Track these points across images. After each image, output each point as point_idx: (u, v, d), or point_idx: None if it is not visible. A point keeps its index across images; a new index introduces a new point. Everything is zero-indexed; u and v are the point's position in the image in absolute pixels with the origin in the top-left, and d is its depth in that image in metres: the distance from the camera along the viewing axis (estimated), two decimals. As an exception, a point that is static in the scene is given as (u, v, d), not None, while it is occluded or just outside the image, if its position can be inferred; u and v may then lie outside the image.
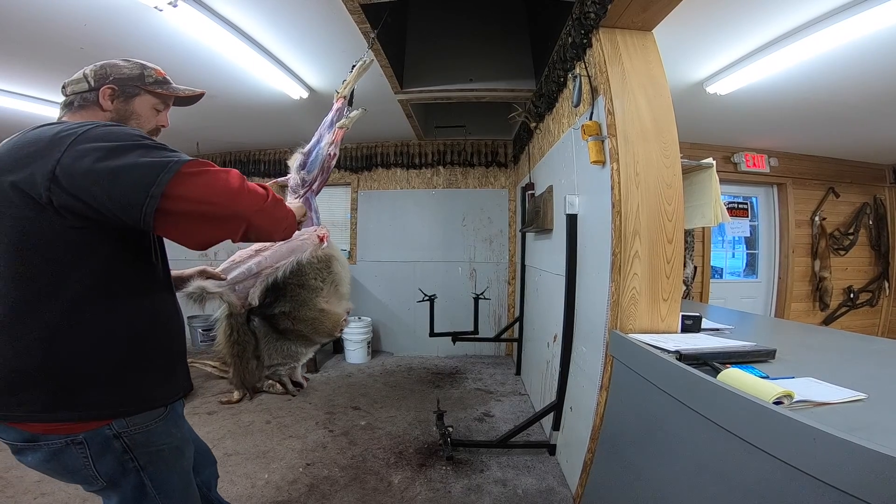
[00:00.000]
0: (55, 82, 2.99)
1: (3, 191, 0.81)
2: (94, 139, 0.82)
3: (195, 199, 0.83)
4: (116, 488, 0.96)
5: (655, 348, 1.36)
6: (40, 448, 0.88)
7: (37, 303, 0.84)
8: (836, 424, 0.77)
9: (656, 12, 1.66)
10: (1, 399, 0.85)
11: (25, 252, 0.83)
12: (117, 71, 1.05)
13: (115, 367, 0.90)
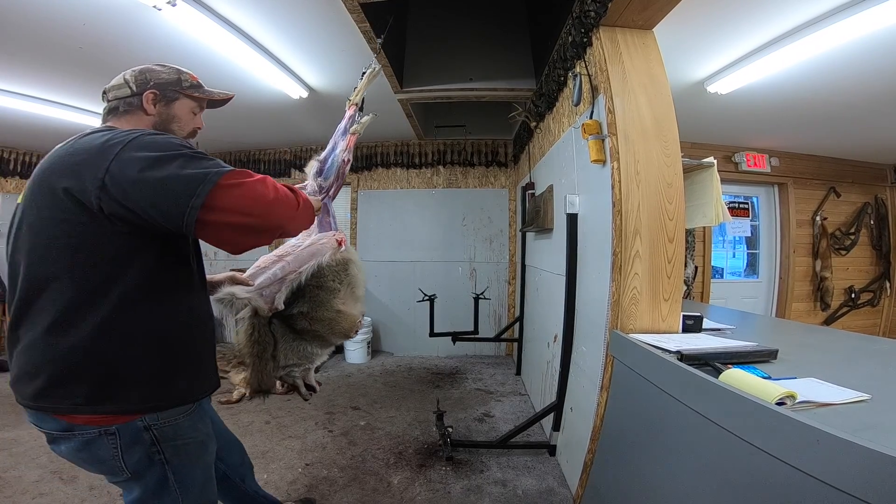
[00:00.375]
0: (55, 82, 2.99)
1: (57, 196, 0.86)
2: (140, 148, 0.86)
3: (233, 211, 0.88)
4: (140, 480, 0.99)
5: (656, 348, 1.35)
6: (74, 437, 0.92)
7: (88, 303, 0.88)
8: (840, 425, 0.76)
9: (656, 11, 1.65)
10: (49, 391, 0.89)
11: (78, 255, 0.88)
12: (156, 76, 1.11)
13: (154, 364, 0.95)
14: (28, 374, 0.91)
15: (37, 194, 0.90)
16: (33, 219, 0.90)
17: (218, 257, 5.30)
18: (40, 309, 0.89)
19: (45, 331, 0.88)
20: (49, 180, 0.88)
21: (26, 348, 0.91)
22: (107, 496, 1.98)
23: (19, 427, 2.68)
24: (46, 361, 0.89)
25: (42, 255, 0.89)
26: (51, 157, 0.92)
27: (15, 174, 4.74)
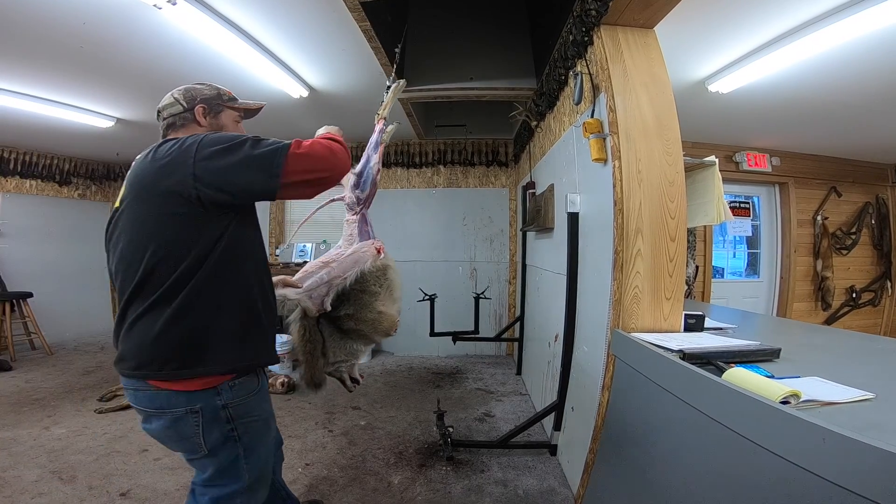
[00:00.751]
0: (55, 81, 2.99)
1: (162, 195, 1.04)
2: (212, 143, 1.06)
3: (304, 171, 1.09)
4: (215, 457, 1.13)
5: (658, 347, 1.34)
6: (165, 415, 1.08)
7: (186, 278, 1.05)
8: (845, 424, 0.75)
9: (658, 10, 1.65)
10: (149, 360, 1.05)
11: (180, 238, 1.05)
12: (200, 93, 1.27)
13: (234, 327, 1.11)
14: (135, 346, 1.06)
15: (139, 196, 1.08)
16: (139, 216, 1.07)
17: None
18: (150, 290, 1.05)
19: (149, 306, 1.05)
20: (148, 183, 1.07)
21: (132, 325, 1.07)
22: (106, 496, 1.98)
23: (19, 427, 2.68)
24: (151, 334, 1.04)
25: (150, 244, 1.04)
26: (140, 166, 1.11)
27: (15, 174, 4.73)
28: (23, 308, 4.40)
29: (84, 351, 4.67)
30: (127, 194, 1.11)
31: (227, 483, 1.17)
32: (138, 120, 3.88)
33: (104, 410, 2.93)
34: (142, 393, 1.08)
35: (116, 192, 5.15)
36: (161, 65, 2.75)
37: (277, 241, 5.14)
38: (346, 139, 1.55)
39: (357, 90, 3.26)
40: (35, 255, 4.90)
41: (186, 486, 2.06)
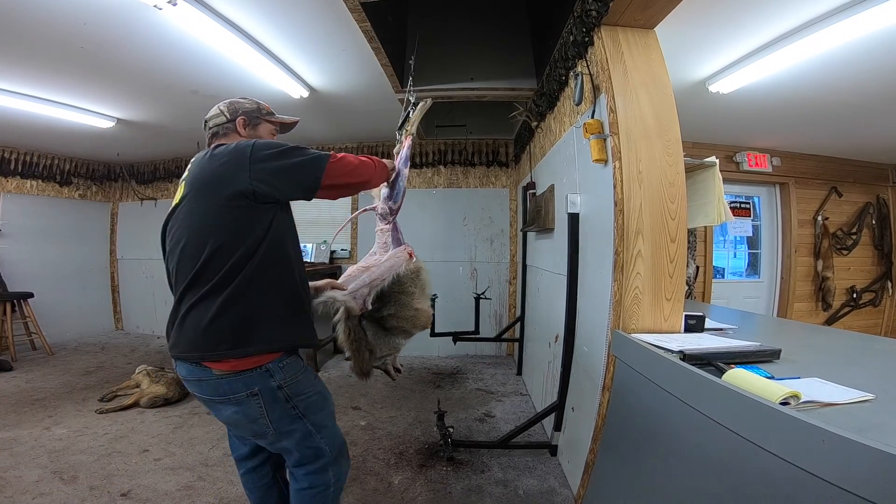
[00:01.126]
0: (56, 82, 2.99)
1: (220, 190, 1.18)
2: (265, 148, 1.21)
3: (339, 176, 1.27)
4: (290, 437, 1.27)
5: (658, 348, 1.34)
6: (230, 401, 1.20)
7: (239, 266, 1.17)
8: (845, 425, 0.75)
9: (658, 10, 1.65)
10: (206, 342, 1.16)
11: (236, 230, 1.18)
12: (242, 106, 1.43)
13: (283, 313, 1.24)
14: (191, 330, 1.17)
15: (200, 193, 1.20)
16: (200, 211, 1.19)
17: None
18: (206, 279, 1.16)
19: (205, 293, 1.16)
20: (207, 181, 1.20)
21: (188, 311, 1.18)
22: (107, 496, 1.98)
23: (20, 427, 2.68)
24: (206, 319, 1.16)
25: (210, 236, 1.17)
26: (199, 166, 1.25)
27: (16, 174, 4.73)
28: (23, 308, 4.40)
29: (85, 351, 4.68)
30: (187, 192, 1.23)
31: (313, 459, 1.31)
32: (139, 120, 3.88)
33: (105, 411, 2.93)
34: (205, 383, 1.20)
35: (117, 192, 5.17)
36: (161, 65, 2.75)
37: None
38: (347, 139, 1.60)
39: (357, 90, 3.26)
40: (36, 255, 4.91)
41: (187, 487, 2.07)
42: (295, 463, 1.33)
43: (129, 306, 5.77)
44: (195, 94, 3.25)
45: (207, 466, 2.27)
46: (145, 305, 5.65)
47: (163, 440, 2.56)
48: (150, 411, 2.97)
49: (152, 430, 2.70)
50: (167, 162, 5.44)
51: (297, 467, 1.33)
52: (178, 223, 1.24)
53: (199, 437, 2.60)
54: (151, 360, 4.09)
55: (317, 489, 1.33)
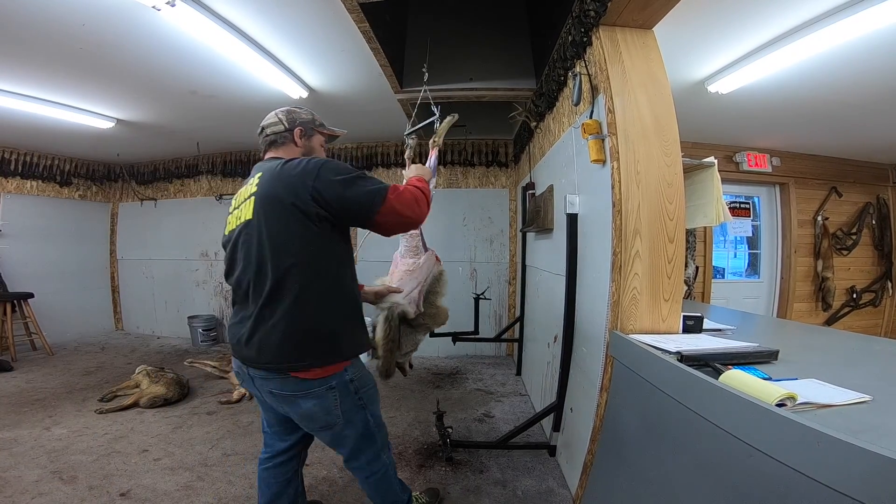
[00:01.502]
0: (55, 82, 3.00)
1: (287, 209, 1.24)
2: (334, 173, 1.26)
3: (394, 213, 1.30)
4: (352, 425, 1.40)
5: (656, 349, 1.34)
6: (310, 395, 1.31)
7: (315, 282, 1.27)
8: (841, 427, 0.75)
9: (656, 10, 1.64)
10: (292, 355, 1.26)
11: (309, 247, 1.26)
12: (299, 116, 1.49)
13: (350, 324, 1.37)
14: (275, 344, 1.26)
15: (272, 209, 1.26)
16: (273, 227, 1.26)
17: (218, 257, 5.32)
18: (286, 290, 1.25)
19: (289, 306, 1.25)
20: (276, 198, 1.25)
21: (276, 324, 1.25)
22: (106, 496, 1.99)
23: (20, 427, 2.68)
24: (292, 331, 1.25)
25: (285, 251, 1.25)
26: (269, 185, 1.28)
27: (16, 175, 4.74)
28: (24, 308, 4.41)
29: (85, 351, 4.68)
30: (258, 209, 1.28)
31: (367, 447, 1.46)
32: (138, 121, 3.89)
33: (105, 411, 2.94)
34: (287, 381, 1.29)
35: (117, 192, 5.16)
36: (161, 66, 2.75)
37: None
38: (346, 140, 1.62)
39: (357, 91, 3.26)
40: (36, 255, 4.91)
41: (186, 487, 2.07)
42: (350, 454, 1.47)
43: (129, 307, 5.77)
44: (194, 95, 3.26)
45: (206, 466, 2.28)
46: (145, 306, 5.65)
47: (162, 440, 2.56)
48: (150, 411, 2.98)
49: (152, 430, 2.70)
50: (167, 162, 5.45)
51: (353, 459, 1.48)
52: (252, 238, 1.29)
53: (198, 438, 2.61)
54: (151, 361, 4.10)
55: (379, 473, 1.51)
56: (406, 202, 1.32)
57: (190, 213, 5.40)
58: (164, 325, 5.58)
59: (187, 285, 5.46)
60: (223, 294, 5.28)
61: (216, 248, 5.33)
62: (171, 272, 5.51)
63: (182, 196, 5.48)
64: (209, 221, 5.32)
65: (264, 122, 1.49)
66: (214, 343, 5.10)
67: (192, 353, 4.63)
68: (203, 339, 5.01)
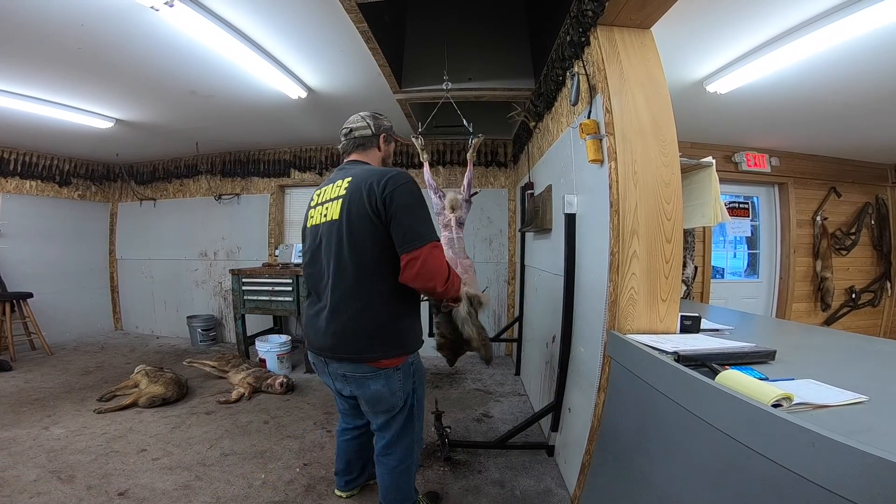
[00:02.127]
0: (54, 82, 3.00)
1: (367, 214, 1.38)
2: (407, 195, 1.40)
3: (419, 269, 1.37)
4: (405, 407, 1.57)
5: (653, 349, 1.34)
6: (380, 376, 1.48)
7: (387, 282, 1.43)
8: (836, 427, 0.75)
9: (654, 10, 1.64)
10: (368, 346, 1.45)
11: (382, 251, 1.41)
12: (383, 123, 1.64)
13: (412, 318, 1.54)
14: (351, 337, 1.44)
15: (354, 214, 1.41)
16: (354, 230, 1.40)
17: (218, 257, 5.32)
18: (364, 288, 1.42)
19: (366, 303, 1.42)
20: (360, 204, 1.39)
21: (353, 317, 1.43)
22: (104, 496, 1.98)
23: (18, 426, 2.68)
24: (366, 326, 1.44)
25: (364, 252, 1.40)
26: (355, 188, 1.43)
27: (15, 174, 4.74)
28: (23, 308, 4.41)
29: (84, 351, 4.68)
30: (344, 211, 1.43)
31: (405, 436, 1.59)
32: (137, 121, 3.88)
33: (103, 410, 2.94)
34: (362, 365, 1.47)
35: (116, 192, 5.15)
36: (159, 66, 2.75)
37: (277, 241, 5.14)
38: None
39: (356, 91, 3.26)
40: (35, 255, 4.91)
41: (185, 486, 2.07)
42: (390, 441, 1.60)
43: (129, 306, 5.77)
44: (193, 95, 3.25)
45: (205, 466, 2.28)
46: (144, 306, 5.65)
47: (161, 440, 2.56)
48: (149, 411, 2.98)
49: (150, 429, 2.70)
50: (166, 162, 5.45)
51: (390, 445, 1.61)
52: (336, 237, 1.44)
53: (196, 437, 2.61)
54: (150, 360, 4.10)
55: (404, 465, 1.61)
56: (437, 269, 1.40)
57: (189, 212, 5.40)
58: (163, 325, 5.58)
59: (186, 285, 5.46)
60: (222, 294, 5.28)
61: (215, 247, 5.33)
62: (171, 272, 5.50)
63: (181, 196, 5.48)
64: (208, 221, 5.32)
65: (352, 125, 1.60)
66: (213, 343, 5.10)
67: (191, 353, 4.63)
68: (202, 339, 5.01)
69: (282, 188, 5.23)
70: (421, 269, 1.36)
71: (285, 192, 5.30)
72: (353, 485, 1.99)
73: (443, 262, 1.41)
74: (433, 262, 1.37)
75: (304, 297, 1.60)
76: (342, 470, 1.96)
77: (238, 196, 5.23)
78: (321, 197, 1.55)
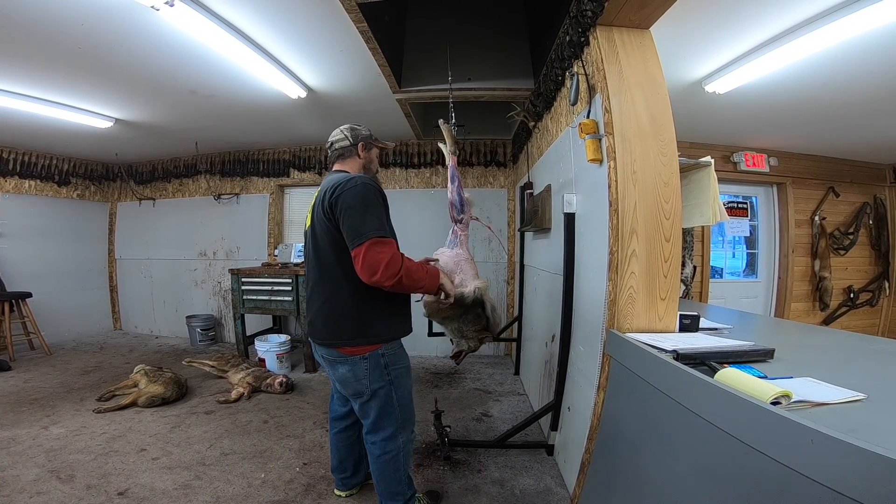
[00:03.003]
0: (54, 82, 2.99)
1: (322, 215, 1.56)
2: (351, 193, 1.51)
3: (366, 261, 1.46)
4: (376, 398, 1.63)
5: (652, 348, 1.34)
6: (346, 362, 1.61)
7: (342, 280, 1.57)
8: (834, 425, 0.76)
9: (653, 10, 1.65)
10: (331, 333, 1.61)
11: (340, 252, 1.55)
12: (360, 133, 1.76)
13: (378, 314, 1.60)
14: (320, 324, 1.62)
15: (317, 218, 1.61)
16: (318, 232, 1.61)
17: (217, 257, 5.31)
18: (326, 283, 1.61)
19: (328, 296, 1.60)
20: (321, 209, 1.56)
21: (320, 308, 1.62)
22: (104, 495, 1.98)
23: (18, 426, 2.68)
24: (327, 315, 1.61)
25: (324, 252, 1.59)
26: (318, 193, 1.64)
27: (14, 174, 4.73)
28: (22, 308, 4.40)
29: (83, 351, 4.68)
30: (315, 216, 1.63)
31: (387, 425, 1.66)
32: (137, 120, 3.88)
33: (103, 410, 2.94)
34: (332, 350, 1.62)
35: (115, 192, 5.16)
36: (159, 66, 2.75)
37: (276, 241, 5.14)
38: None
39: (356, 90, 3.26)
40: (34, 255, 4.90)
41: (184, 486, 2.07)
42: (371, 427, 1.68)
43: (128, 306, 5.77)
44: (193, 95, 3.25)
45: (205, 465, 2.28)
46: (144, 305, 5.65)
47: (160, 439, 2.56)
48: (148, 411, 2.98)
49: (150, 429, 2.70)
50: (165, 162, 5.44)
51: (372, 433, 1.68)
52: (310, 239, 1.68)
53: (196, 437, 2.61)
54: (149, 360, 4.09)
55: (390, 454, 1.67)
56: (378, 263, 1.45)
57: (188, 212, 5.40)
58: (162, 325, 5.57)
59: (186, 285, 5.45)
60: (221, 294, 5.28)
61: (215, 247, 5.33)
62: (170, 272, 5.50)
63: (180, 196, 5.48)
64: (208, 221, 5.32)
65: (332, 138, 1.75)
66: (213, 343, 5.10)
67: (190, 353, 4.63)
68: (201, 338, 5.00)
69: (281, 188, 5.23)
70: (363, 264, 1.45)
71: (285, 192, 5.30)
72: (349, 483, 2.02)
73: (384, 258, 1.45)
74: (372, 257, 1.44)
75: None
76: (336, 467, 2.01)
77: (237, 196, 5.23)
78: (311, 203, 1.74)
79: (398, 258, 1.50)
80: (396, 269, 1.47)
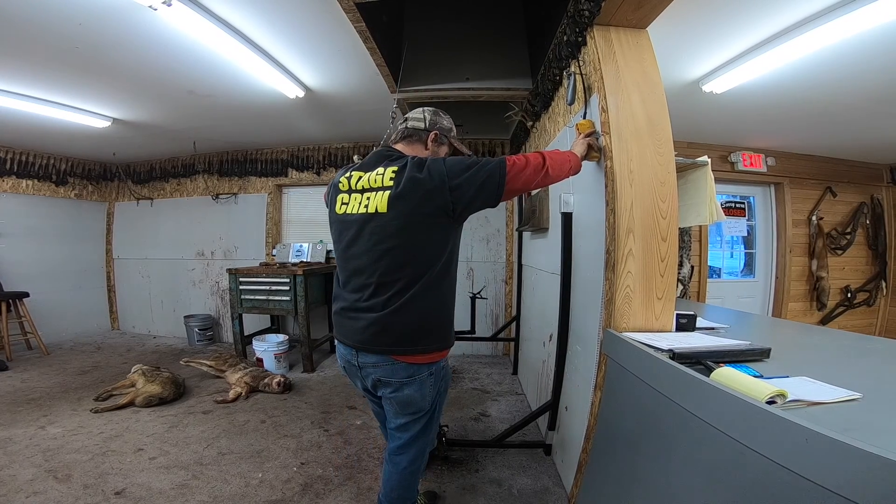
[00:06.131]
0: (51, 81, 2.99)
1: (430, 217, 1.34)
2: (456, 167, 1.33)
3: (513, 182, 1.36)
4: (428, 410, 1.52)
5: (649, 347, 1.34)
6: (414, 381, 1.43)
7: (442, 280, 1.40)
8: (830, 424, 0.76)
9: (650, 10, 1.65)
10: (407, 342, 1.38)
11: (436, 246, 1.38)
12: (441, 121, 1.55)
13: (449, 319, 1.48)
14: (398, 331, 1.36)
15: (411, 214, 1.34)
16: (414, 230, 1.35)
17: (215, 256, 5.30)
18: (419, 285, 1.35)
19: (419, 298, 1.36)
20: (419, 206, 1.33)
21: (399, 310, 1.35)
22: (101, 495, 1.98)
23: (14, 426, 2.67)
24: (414, 320, 1.37)
25: (424, 252, 1.36)
26: (409, 187, 1.33)
27: (11, 174, 4.72)
28: (19, 308, 4.39)
29: (80, 351, 4.67)
30: (396, 207, 1.32)
31: (423, 436, 1.55)
32: (135, 120, 3.87)
33: (100, 410, 2.93)
34: (391, 367, 1.40)
35: (113, 191, 5.13)
36: (157, 65, 2.75)
37: (274, 241, 5.14)
38: (343, 139, 1.67)
39: (353, 90, 3.26)
40: (31, 254, 4.89)
41: (181, 485, 2.07)
42: (409, 441, 1.54)
43: (125, 306, 5.75)
44: (191, 94, 3.25)
45: (202, 465, 2.27)
46: (141, 305, 5.64)
47: (157, 439, 2.56)
48: (145, 410, 2.97)
49: (147, 429, 2.70)
50: (163, 162, 5.43)
51: (405, 446, 1.56)
52: (386, 232, 1.34)
53: (193, 437, 2.60)
54: (147, 360, 4.09)
55: (414, 467, 1.59)
56: (519, 170, 1.37)
57: (186, 212, 5.39)
58: (160, 325, 5.57)
59: (184, 285, 5.44)
60: (219, 293, 5.27)
61: (212, 247, 5.32)
62: (168, 272, 5.49)
63: (179, 195, 5.47)
64: (206, 221, 5.31)
65: (410, 114, 1.55)
66: (210, 342, 5.09)
67: (188, 353, 4.62)
68: (199, 338, 5.00)
69: (279, 188, 5.22)
70: (517, 187, 1.37)
71: (283, 192, 5.29)
72: None
73: (521, 159, 1.37)
74: (519, 166, 1.35)
75: (338, 287, 1.53)
76: None
77: (235, 195, 5.23)
78: (357, 183, 1.41)
79: (529, 154, 1.42)
80: (541, 161, 1.39)
